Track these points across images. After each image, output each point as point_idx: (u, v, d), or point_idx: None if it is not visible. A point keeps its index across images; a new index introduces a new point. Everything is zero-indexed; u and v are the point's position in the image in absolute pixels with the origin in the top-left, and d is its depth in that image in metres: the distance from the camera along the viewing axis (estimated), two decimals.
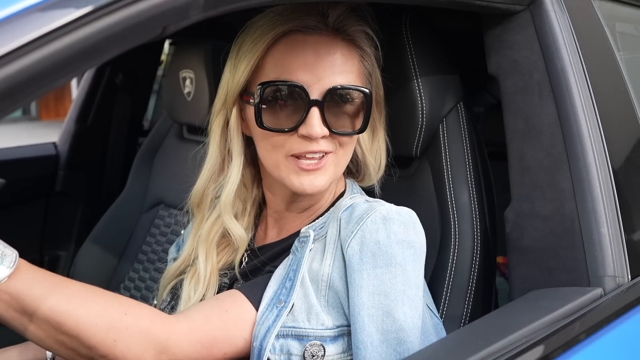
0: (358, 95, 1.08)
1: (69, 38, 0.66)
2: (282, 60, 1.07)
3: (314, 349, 1.02)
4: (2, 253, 0.84)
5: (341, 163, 1.12)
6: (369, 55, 1.14)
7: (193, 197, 1.23)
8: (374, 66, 1.16)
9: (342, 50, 1.09)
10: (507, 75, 1.23)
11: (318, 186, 1.08)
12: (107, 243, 2.07)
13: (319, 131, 1.04)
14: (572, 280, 1.12)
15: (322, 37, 1.08)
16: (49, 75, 0.65)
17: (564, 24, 1.20)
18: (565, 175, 1.15)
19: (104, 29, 0.68)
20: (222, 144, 1.17)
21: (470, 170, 1.31)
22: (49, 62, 0.64)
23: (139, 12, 0.71)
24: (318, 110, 1.04)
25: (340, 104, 1.07)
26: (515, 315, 1.06)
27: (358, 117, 1.10)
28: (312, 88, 1.04)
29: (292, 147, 1.06)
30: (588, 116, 1.16)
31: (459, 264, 1.26)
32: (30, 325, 0.87)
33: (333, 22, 1.09)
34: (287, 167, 1.08)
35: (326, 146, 1.07)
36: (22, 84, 0.62)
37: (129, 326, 0.92)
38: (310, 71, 1.05)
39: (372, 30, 1.14)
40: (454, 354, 0.94)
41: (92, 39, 0.68)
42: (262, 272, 1.15)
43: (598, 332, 1.02)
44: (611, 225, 1.12)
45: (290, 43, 1.07)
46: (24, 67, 0.62)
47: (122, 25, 0.70)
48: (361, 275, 1.01)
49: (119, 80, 2.40)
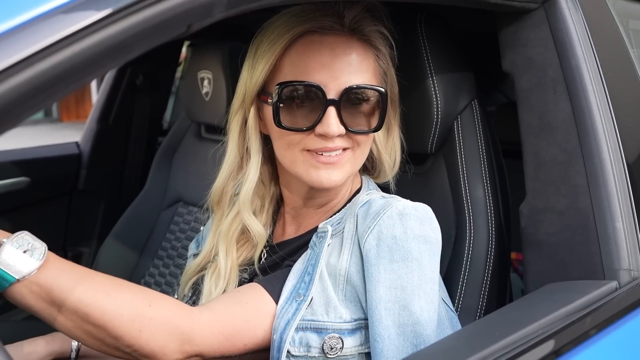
0: (374, 94, 1.10)
1: (98, 35, 0.69)
2: (299, 60, 1.09)
3: (332, 342, 1.04)
4: (32, 246, 0.88)
5: (358, 160, 1.14)
6: (384, 54, 1.16)
7: (213, 194, 1.25)
8: (389, 65, 1.17)
9: (358, 50, 1.11)
10: (521, 72, 1.24)
11: (335, 180, 1.10)
12: (128, 239, 2.11)
13: (336, 130, 1.06)
14: (587, 274, 1.13)
15: (338, 38, 1.10)
16: (80, 70, 0.68)
17: (578, 21, 1.22)
18: (580, 171, 1.16)
19: (132, 26, 0.71)
20: (240, 143, 1.20)
21: (485, 166, 1.32)
22: (80, 58, 0.67)
23: (165, 10, 0.74)
24: (335, 109, 1.06)
25: (356, 104, 1.09)
26: (532, 307, 1.07)
27: (374, 116, 1.11)
28: (328, 88, 1.07)
29: (307, 144, 1.08)
30: (602, 112, 1.17)
31: (474, 258, 1.28)
32: (59, 315, 0.90)
33: (349, 23, 1.11)
34: (304, 161, 1.10)
35: (342, 143, 1.09)
36: (56, 78, 0.65)
37: (154, 317, 0.95)
38: (326, 71, 1.07)
39: (387, 30, 1.16)
40: (472, 344, 0.95)
41: (120, 36, 0.70)
42: (280, 267, 1.17)
43: (614, 324, 1.03)
44: (626, 219, 1.13)
45: (307, 44, 1.09)
46: (57, 63, 0.65)
47: (148, 23, 0.73)
48: (378, 269, 1.03)
49: (139, 81, 2.44)
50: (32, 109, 0.64)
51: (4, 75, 0.62)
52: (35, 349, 1.18)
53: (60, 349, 1.21)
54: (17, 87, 0.63)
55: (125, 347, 0.94)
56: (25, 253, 0.87)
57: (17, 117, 0.65)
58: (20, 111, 0.63)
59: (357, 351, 1.06)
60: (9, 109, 0.62)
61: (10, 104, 0.62)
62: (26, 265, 0.86)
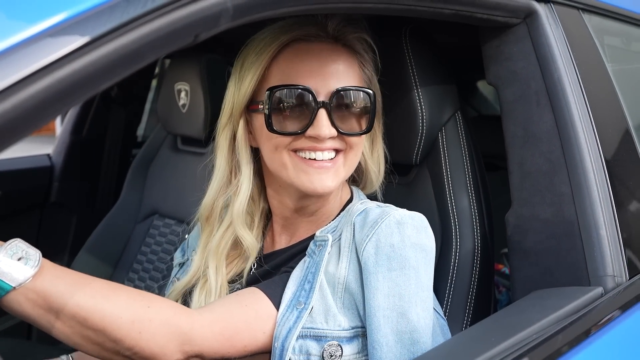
0: (363, 96, 1.13)
1: (113, 44, 0.69)
2: (288, 67, 1.11)
3: (332, 349, 1.05)
4: (26, 253, 0.86)
5: (351, 164, 1.16)
6: (368, 61, 1.19)
7: (202, 210, 1.25)
8: (373, 73, 1.20)
9: (343, 57, 1.14)
10: (506, 85, 1.28)
11: (330, 186, 1.11)
12: (102, 253, 2.08)
13: (327, 132, 1.08)
14: (573, 280, 1.17)
15: (324, 45, 1.13)
16: (96, 78, 0.68)
17: (559, 36, 1.26)
18: (564, 180, 1.20)
19: (144, 36, 0.72)
20: (230, 157, 1.20)
21: (469, 176, 1.36)
22: (96, 66, 0.67)
23: (175, 20, 0.75)
24: (325, 112, 1.09)
25: (346, 106, 1.11)
26: (524, 313, 1.10)
27: (363, 118, 1.14)
28: (318, 91, 1.09)
29: (296, 145, 1.10)
30: (584, 122, 1.21)
31: (461, 267, 1.30)
32: (56, 322, 0.89)
33: (332, 31, 1.14)
34: (294, 165, 1.11)
35: (334, 144, 1.11)
36: (74, 85, 0.65)
37: (153, 318, 0.94)
38: (316, 76, 1.10)
39: (369, 37, 1.19)
40: (471, 349, 0.97)
41: (133, 45, 0.71)
42: (271, 276, 1.17)
43: (602, 329, 1.07)
44: (609, 227, 1.17)
45: (294, 52, 1.12)
46: (75, 71, 0.65)
47: (159, 32, 0.74)
48: (377, 277, 1.04)
49: (113, 92, 2.43)
50: (52, 115, 0.64)
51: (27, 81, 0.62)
52: None
53: None
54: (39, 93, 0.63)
55: (126, 349, 0.93)
56: (20, 260, 0.85)
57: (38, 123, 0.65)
58: (42, 116, 0.63)
59: (356, 358, 1.07)
60: (32, 114, 0.62)
61: (32, 109, 0.62)
62: (22, 273, 0.85)
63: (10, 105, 0.62)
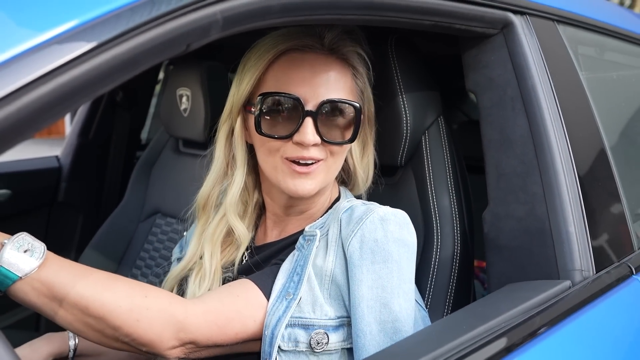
0: (349, 108, 1.20)
1: (112, 52, 0.77)
2: (282, 75, 1.19)
3: (319, 337, 1.12)
4: (32, 246, 0.94)
5: (331, 170, 1.22)
6: (361, 74, 1.26)
7: (199, 199, 1.34)
8: (366, 84, 1.27)
9: (336, 68, 1.21)
10: (483, 91, 1.35)
11: (308, 189, 1.18)
12: (106, 250, 2.15)
13: (312, 139, 1.15)
14: (544, 274, 1.24)
15: (319, 56, 1.20)
16: (96, 83, 0.76)
17: (533, 46, 1.34)
18: (537, 181, 1.27)
19: (140, 44, 0.80)
20: (227, 150, 1.29)
21: (450, 177, 1.43)
22: (96, 72, 0.75)
23: (169, 30, 0.83)
24: (312, 120, 1.15)
25: (332, 116, 1.18)
26: (494, 304, 1.17)
27: (348, 129, 1.21)
28: (307, 100, 1.16)
29: (286, 151, 1.17)
30: (556, 127, 1.29)
31: (441, 262, 1.38)
32: (60, 310, 0.96)
33: (328, 43, 1.21)
34: (283, 170, 1.18)
35: (317, 154, 1.17)
36: (75, 89, 0.73)
37: (150, 306, 1.01)
38: (306, 85, 1.17)
39: (364, 51, 1.26)
40: (443, 336, 1.04)
41: (130, 53, 0.79)
42: (262, 267, 1.25)
43: (567, 319, 1.14)
44: (578, 224, 1.25)
45: (290, 60, 1.19)
46: (76, 76, 0.73)
47: (154, 42, 0.81)
48: (361, 270, 1.11)
49: (118, 97, 2.51)
50: (54, 117, 0.72)
51: (30, 87, 0.70)
52: (35, 350, 1.23)
53: (59, 349, 1.26)
54: (42, 97, 0.71)
55: (124, 336, 1.00)
56: (26, 252, 0.92)
57: (39, 125, 0.73)
58: (44, 118, 0.71)
59: (341, 346, 1.14)
60: (35, 116, 0.70)
61: (36, 111, 0.70)
62: (28, 264, 0.92)
63: (14, 109, 0.69)
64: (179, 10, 0.84)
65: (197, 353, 1.10)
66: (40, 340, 1.26)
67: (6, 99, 0.69)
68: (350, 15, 1.07)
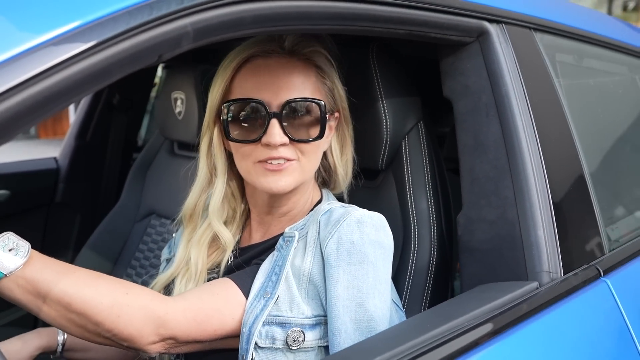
0: (313, 106, 1.23)
1: (83, 64, 0.82)
2: (246, 82, 1.23)
3: (295, 335, 1.16)
4: (17, 245, 0.98)
5: (306, 170, 1.25)
6: (326, 72, 1.29)
7: (185, 209, 1.38)
8: (335, 82, 1.30)
9: (298, 69, 1.24)
10: (459, 97, 1.39)
11: (282, 185, 1.21)
12: (103, 250, 2.20)
13: (279, 140, 1.18)
14: (514, 276, 1.27)
15: (280, 60, 1.24)
16: (66, 93, 0.80)
17: (508, 54, 1.37)
18: (508, 185, 1.31)
19: (111, 56, 0.84)
20: (208, 160, 1.33)
21: (428, 181, 1.47)
22: (67, 82, 0.80)
23: (140, 42, 0.87)
24: (277, 121, 1.19)
25: (297, 116, 1.22)
26: (461, 304, 1.21)
27: (315, 127, 1.24)
28: (270, 103, 1.20)
29: (257, 155, 1.21)
30: (527, 134, 1.32)
31: (418, 264, 1.42)
32: (44, 306, 1.00)
33: (289, 46, 1.25)
34: (256, 172, 1.22)
35: (287, 153, 1.21)
36: (46, 99, 0.78)
37: (130, 303, 1.05)
38: (269, 89, 1.21)
39: (328, 50, 1.30)
40: (407, 334, 1.07)
41: (101, 64, 0.83)
42: (245, 267, 1.28)
43: (532, 318, 1.17)
44: (547, 228, 1.28)
45: (253, 67, 1.23)
46: (48, 87, 0.78)
47: (125, 53, 0.85)
48: (337, 270, 1.15)
49: (115, 100, 2.56)
50: (24, 126, 0.77)
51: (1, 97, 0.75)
52: (25, 343, 1.28)
53: (48, 343, 1.31)
54: (12, 108, 0.76)
55: (106, 332, 1.04)
56: (11, 251, 0.97)
57: (11, 134, 0.78)
58: (14, 127, 0.76)
59: (317, 344, 1.17)
60: (5, 126, 0.75)
61: (6, 121, 0.75)
62: (13, 262, 0.96)
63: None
64: (151, 22, 0.88)
65: (177, 348, 1.14)
66: (31, 334, 1.31)
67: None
68: (322, 25, 1.11)
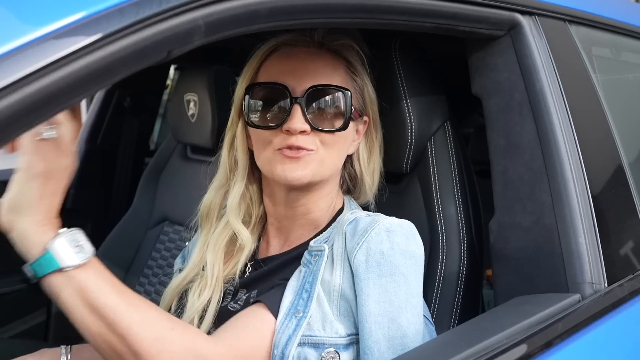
0: (338, 95, 1.18)
1: (85, 60, 0.74)
2: (271, 68, 1.20)
3: (329, 356, 1.08)
4: (82, 245, 0.93)
5: (325, 164, 1.18)
6: (356, 68, 1.24)
7: (202, 207, 1.32)
8: (366, 83, 1.25)
9: (326, 60, 1.20)
10: (490, 95, 1.31)
11: (299, 175, 1.15)
12: (114, 258, 2.14)
13: (300, 126, 1.13)
14: (552, 287, 1.19)
15: (308, 49, 1.20)
16: (67, 93, 0.73)
17: (542, 47, 1.28)
18: (545, 189, 1.22)
19: (115, 52, 0.76)
20: (230, 156, 1.28)
21: (457, 184, 1.38)
22: (66, 81, 0.72)
23: (147, 36, 0.79)
24: (299, 107, 1.14)
25: (321, 104, 1.17)
26: (499, 319, 1.12)
27: (339, 118, 1.18)
28: (295, 89, 1.15)
29: (277, 142, 1.15)
30: (565, 133, 1.23)
31: (447, 274, 1.33)
32: (88, 317, 0.92)
33: (318, 38, 1.21)
34: (275, 160, 1.16)
35: (306, 142, 1.15)
36: (45, 99, 0.70)
37: (175, 340, 0.98)
38: (293, 75, 1.16)
39: (360, 47, 1.24)
40: (440, 353, 1.00)
41: (104, 60, 0.76)
42: (265, 281, 1.22)
43: (576, 334, 1.08)
44: (588, 235, 1.19)
45: (280, 55, 1.20)
46: (46, 85, 0.70)
47: (131, 48, 0.78)
48: (367, 284, 1.07)
49: (126, 103, 2.50)
50: (22, 129, 0.69)
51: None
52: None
53: None
54: (8, 108, 0.68)
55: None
56: (75, 248, 0.92)
57: (7, 137, 0.70)
58: (11, 130, 0.69)
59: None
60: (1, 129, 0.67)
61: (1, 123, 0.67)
62: (72, 259, 0.91)
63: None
64: (160, 15, 0.80)
65: None
66: (32, 356, 1.25)
67: None
68: (342, 18, 1.04)
